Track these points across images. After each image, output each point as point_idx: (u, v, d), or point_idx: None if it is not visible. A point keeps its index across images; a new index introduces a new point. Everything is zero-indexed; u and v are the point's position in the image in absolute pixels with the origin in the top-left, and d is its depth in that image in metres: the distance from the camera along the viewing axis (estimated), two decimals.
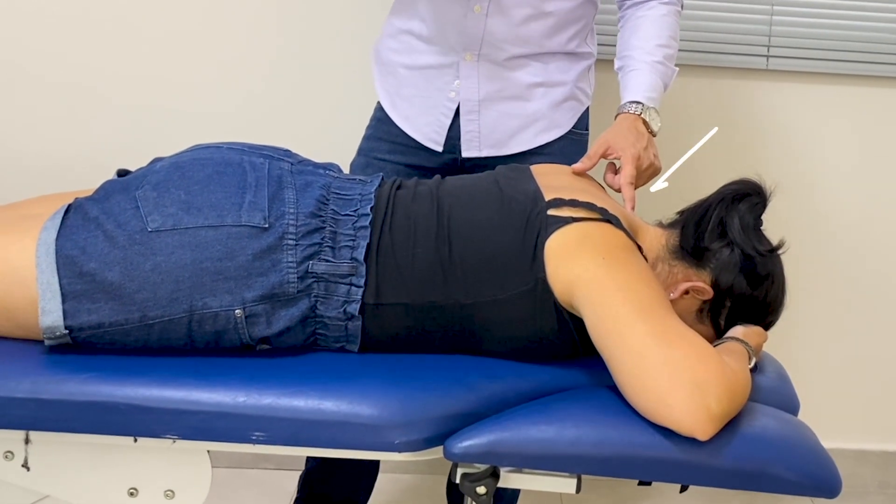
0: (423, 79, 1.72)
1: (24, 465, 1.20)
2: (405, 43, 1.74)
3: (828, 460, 1.18)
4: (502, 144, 1.72)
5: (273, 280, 1.24)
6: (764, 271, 1.36)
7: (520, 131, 1.72)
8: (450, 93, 1.70)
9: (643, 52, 1.67)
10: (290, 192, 1.30)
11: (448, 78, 1.70)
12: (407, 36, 1.73)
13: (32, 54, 2.11)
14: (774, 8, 2.18)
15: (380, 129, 1.79)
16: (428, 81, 1.72)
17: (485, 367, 1.28)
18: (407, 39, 1.73)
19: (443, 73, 1.71)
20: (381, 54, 1.79)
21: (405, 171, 1.75)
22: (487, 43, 1.66)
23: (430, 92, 1.72)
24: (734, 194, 1.38)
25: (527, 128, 1.72)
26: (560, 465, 1.16)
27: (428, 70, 1.72)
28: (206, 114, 2.15)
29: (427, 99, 1.72)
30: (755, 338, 1.34)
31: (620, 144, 1.54)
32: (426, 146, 1.74)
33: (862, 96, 2.23)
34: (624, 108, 1.63)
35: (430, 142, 1.74)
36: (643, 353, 1.13)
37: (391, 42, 1.76)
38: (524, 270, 1.26)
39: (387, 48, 1.77)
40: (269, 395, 1.17)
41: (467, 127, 1.70)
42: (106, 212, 1.26)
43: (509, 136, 1.72)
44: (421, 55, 1.72)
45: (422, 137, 1.74)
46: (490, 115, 1.70)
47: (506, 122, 1.71)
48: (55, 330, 1.22)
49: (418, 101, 1.73)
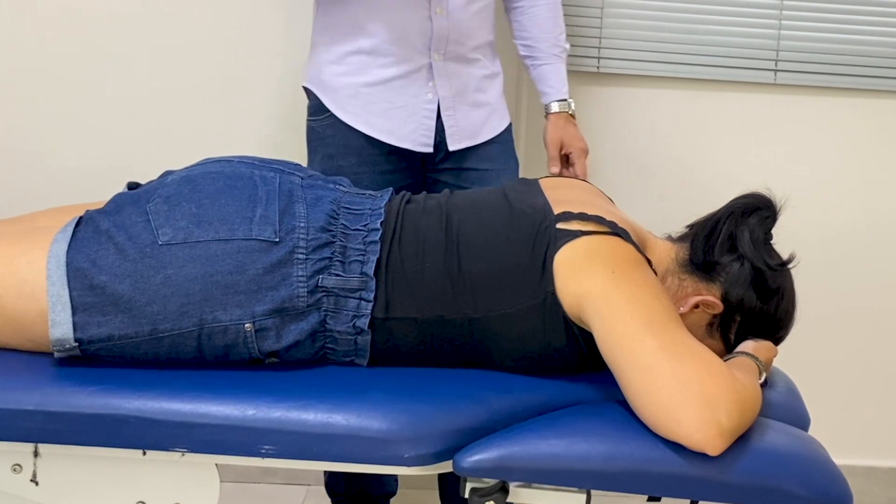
0: (391, 91, 1.77)
1: (32, 478, 1.20)
2: (354, 64, 1.77)
3: (839, 476, 1.17)
4: (475, 135, 1.84)
5: (283, 294, 1.24)
6: (774, 285, 1.35)
7: (485, 121, 1.85)
8: (427, 94, 1.78)
9: (550, 44, 1.92)
10: (301, 206, 1.30)
11: (420, 82, 1.77)
12: (356, 56, 1.77)
13: (41, 68, 2.12)
14: (782, 22, 2.19)
15: (336, 145, 1.81)
16: (399, 92, 1.77)
17: (494, 381, 1.28)
18: (356, 60, 1.77)
19: (412, 79, 1.77)
20: (328, 82, 1.81)
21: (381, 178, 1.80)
22: (453, 41, 1.76)
23: (405, 101, 1.78)
24: (744, 208, 1.37)
25: (489, 117, 1.86)
26: (569, 480, 1.15)
27: (394, 81, 1.77)
28: (217, 127, 2.15)
29: (404, 108, 1.78)
30: (765, 353, 1.33)
31: (571, 142, 1.91)
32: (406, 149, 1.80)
33: (869, 110, 2.24)
34: (555, 108, 1.92)
35: (420, 146, 1.80)
36: (653, 367, 1.12)
37: (337, 68, 1.79)
38: (533, 284, 1.26)
39: (333, 74, 1.79)
40: (279, 409, 1.17)
41: (448, 122, 1.81)
42: (117, 225, 1.26)
43: (479, 126, 1.84)
44: (380, 70, 1.76)
45: (410, 144, 1.80)
46: (462, 108, 1.82)
47: (473, 115, 1.83)
48: (65, 342, 1.22)
49: (396, 113, 1.78)
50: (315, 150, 1.85)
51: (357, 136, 1.79)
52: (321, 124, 1.83)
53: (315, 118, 1.84)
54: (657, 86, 2.23)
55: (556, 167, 1.91)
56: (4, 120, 2.13)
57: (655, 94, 2.24)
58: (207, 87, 2.15)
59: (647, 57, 2.21)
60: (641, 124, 2.24)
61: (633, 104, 2.24)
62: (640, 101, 2.24)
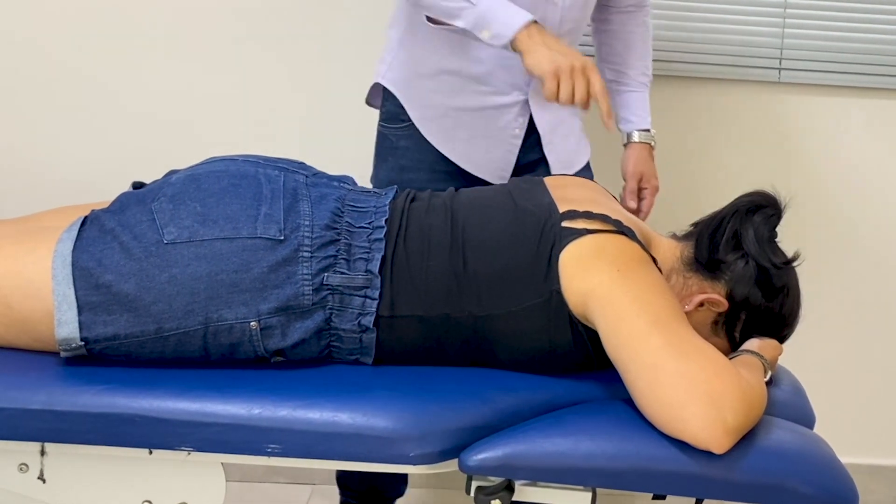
0: (481, 119, 1.70)
1: (39, 477, 1.20)
2: (449, 84, 1.69)
3: (844, 474, 1.17)
4: (572, 165, 1.78)
5: (288, 292, 1.24)
6: (779, 283, 1.35)
7: (578, 149, 1.79)
8: (515, 129, 1.71)
9: (639, 72, 1.84)
10: (306, 204, 1.31)
11: (510, 117, 1.70)
12: (451, 77, 1.68)
13: (48, 67, 2.12)
14: (787, 21, 2.18)
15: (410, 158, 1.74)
16: (488, 122, 1.70)
17: (499, 379, 1.28)
18: (451, 80, 1.69)
19: (504, 112, 1.70)
20: (417, 94, 1.72)
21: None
22: None
23: (491, 132, 1.71)
24: (749, 206, 1.37)
25: (579, 144, 1.79)
26: (575, 478, 1.15)
27: (486, 111, 1.70)
28: (221, 126, 2.16)
29: (488, 139, 1.71)
30: (770, 351, 1.33)
31: (649, 178, 1.82)
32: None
33: (874, 108, 2.23)
34: (637, 138, 1.82)
35: (498, 178, 1.73)
36: (658, 365, 1.12)
37: (429, 83, 1.70)
38: (538, 283, 1.26)
39: (425, 88, 1.71)
40: (285, 408, 1.17)
41: (551, 157, 1.74)
42: (122, 224, 1.26)
43: (574, 155, 1.78)
44: (476, 97, 1.69)
45: (489, 175, 1.73)
46: (559, 141, 1.75)
47: (569, 145, 1.77)
48: (71, 342, 1.22)
49: (480, 142, 1.71)
50: (384, 159, 1.77)
51: (434, 153, 1.72)
52: (396, 133, 1.74)
53: (390, 125, 1.75)
54: (660, 84, 2.23)
55: (633, 202, 1.81)
56: (10, 120, 2.14)
57: (658, 92, 2.23)
58: (212, 87, 2.15)
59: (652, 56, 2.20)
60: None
61: None
62: None
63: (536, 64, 1.48)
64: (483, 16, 1.50)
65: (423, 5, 1.58)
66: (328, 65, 2.14)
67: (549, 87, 1.46)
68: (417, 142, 1.72)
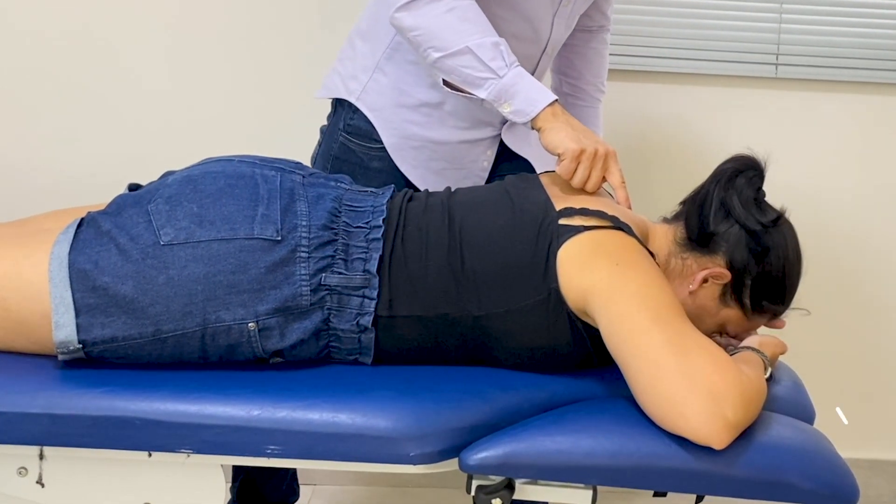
0: (454, 152, 1.69)
1: (38, 481, 1.20)
2: (428, 116, 1.66)
3: (845, 469, 1.17)
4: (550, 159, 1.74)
5: (286, 293, 1.24)
6: (772, 242, 1.34)
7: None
8: (483, 162, 1.71)
9: (595, 88, 1.86)
10: (303, 204, 1.30)
11: (480, 150, 1.70)
12: (433, 110, 1.66)
13: (43, 71, 2.12)
14: (783, 16, 2.18)
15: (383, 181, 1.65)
16: (462, 154, 1.69)
17: (499, 378, 1.28)
18: (430, 112, 1.66)
19: (476, 145, 1.70)
20: (395, 123, 1.67)
21: None
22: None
23: (462, 164, 1.70)
24: (730, 173, 1.37)
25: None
26: (576, 476, 1.15)
27: (462, 145, 1.69)
28: (217, 127, 2.15)
29: (459, 171, 1.70)
30: (771, 348, 1.33)
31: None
32: None
33: (870, 104, 2.23)
34: None
35: None
36: (659, 361, 1.12)
37: (409, 114, 1.66)
38: (537, 281, 1.26)
39: (404, 119, 1.67)
40: (284, 409, 1.17)
41: (529, 155, 1.73)
42: (119, 226, 1.26)
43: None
44: (453, 130, 1.67)
45: None
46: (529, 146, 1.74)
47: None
48: (69, 344, 1.22)
49: (451, 174, 1.70)
50: (353, 176, 1.63)
51: (404, 178, 1.69)
52: (368, 153, 1.69)
53: (359, 142, 1.69)
54: (657, 81, 2.22)
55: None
56: (7, 123, 2.13)
57: (655, 88, 2.23)
58: (209, 89, 2.14)
59: (647, 52, 2.20)
60: (641, 119, 2.24)
61: (633, 99, 2.23)
62: (640, 96, 2.23)
63: (560, 142, 1.44)
64: (507, 90, 1.47)
65: (444, 70, 1.52)
66: (326, 65, 2.14)
67: (567, 166, 1.42)
68: (390, 165, 1.68)
